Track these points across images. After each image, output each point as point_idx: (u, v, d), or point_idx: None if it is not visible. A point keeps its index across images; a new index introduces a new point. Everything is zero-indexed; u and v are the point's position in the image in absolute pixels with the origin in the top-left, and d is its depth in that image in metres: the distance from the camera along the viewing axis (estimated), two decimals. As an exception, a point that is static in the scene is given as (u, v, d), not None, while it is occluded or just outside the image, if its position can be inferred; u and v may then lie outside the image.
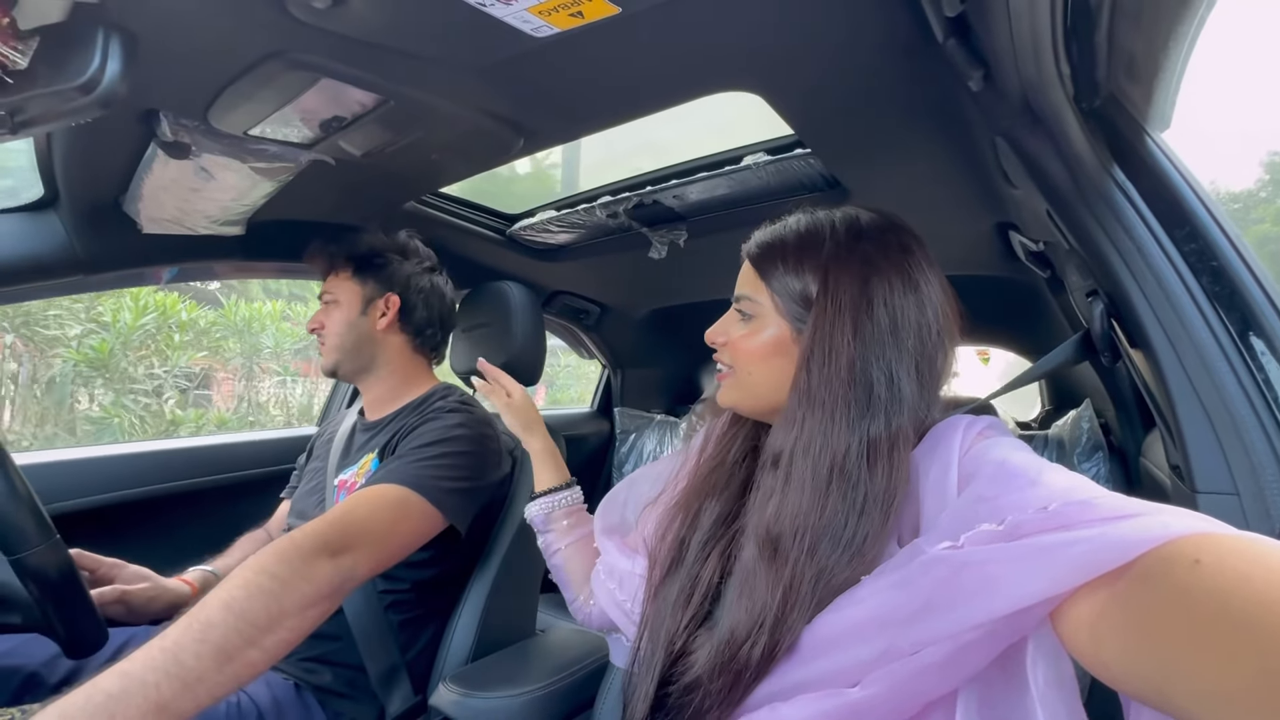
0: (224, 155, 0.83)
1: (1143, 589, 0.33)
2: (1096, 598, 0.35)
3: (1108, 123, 0.63)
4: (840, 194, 1.09)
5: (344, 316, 1.08)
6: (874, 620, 0.44)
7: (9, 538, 0.67)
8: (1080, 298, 0.76)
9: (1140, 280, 0.59)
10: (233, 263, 1.21)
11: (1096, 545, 0.35)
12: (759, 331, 0.59)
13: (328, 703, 0.93)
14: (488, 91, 0.76)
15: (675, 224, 1.30)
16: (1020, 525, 0.38)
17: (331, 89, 0.68)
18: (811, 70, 0.75)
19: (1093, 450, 1.47)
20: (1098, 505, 0.37)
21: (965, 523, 0.42)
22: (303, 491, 1.11)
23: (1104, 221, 0.62)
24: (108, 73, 0.47)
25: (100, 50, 0.47)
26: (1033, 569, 0.36)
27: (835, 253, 0.57)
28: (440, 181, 1.14)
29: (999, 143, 0.72)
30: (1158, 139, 0.63)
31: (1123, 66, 0.59)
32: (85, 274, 1.01)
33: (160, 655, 0.58)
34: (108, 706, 0.53)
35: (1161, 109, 0.62)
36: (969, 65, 0.61)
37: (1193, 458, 0.54)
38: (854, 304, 0.55)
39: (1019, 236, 1.07)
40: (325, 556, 0.72)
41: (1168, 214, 0.60)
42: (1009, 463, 0.45)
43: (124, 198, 0.95)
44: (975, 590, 0.38)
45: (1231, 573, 0.30)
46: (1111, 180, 0.62)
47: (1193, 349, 0.55)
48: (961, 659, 0.40)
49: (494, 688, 0.90)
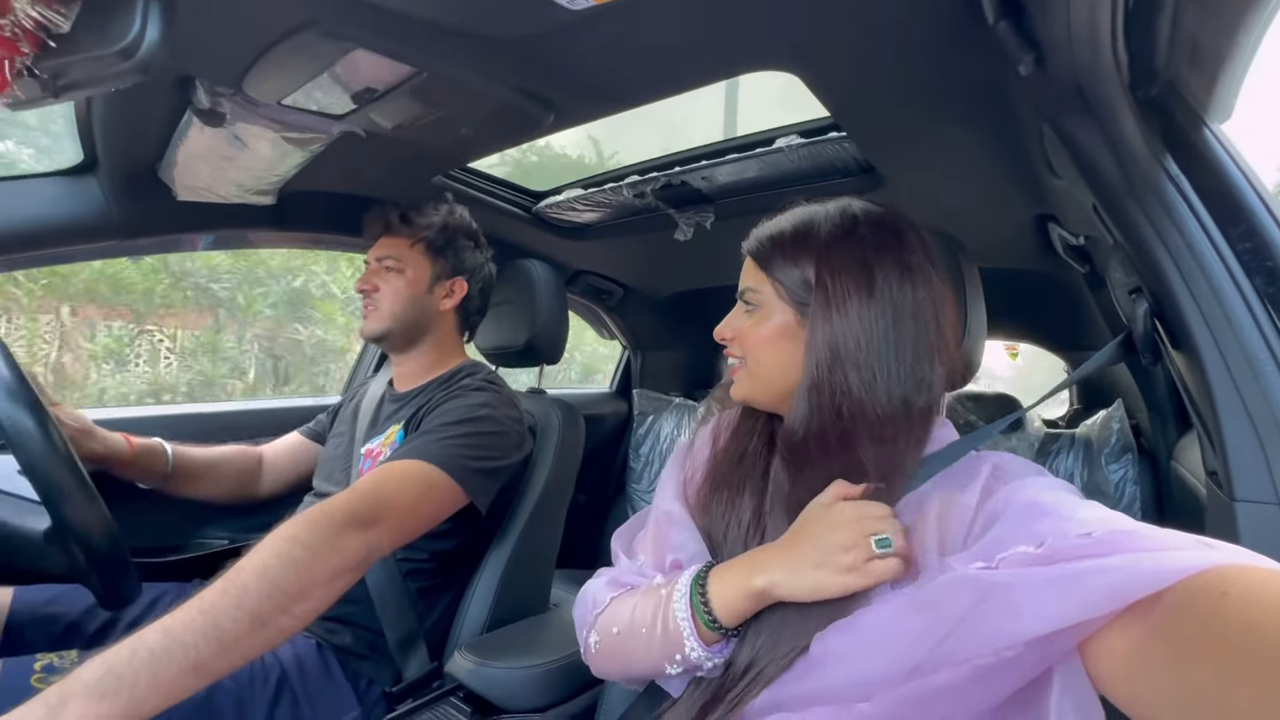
0: (257, 124, 0.83)
1: (1174, 621, 0.32)
2: (1131, 630, 0.34)
3: (1164, 112, 0.61)
4: (874, 179, 1.07)
5: (409, 288, 1.08)
6: (896, 639, 0.43)
7: (53, 497, 0.70)
8: (1123, 295, 0.73)
9: (1189, 278, 0.57)
10: (264, 231, 1.23)
11: (1128, 574, 0.34)
12: (765, 320, 0.60)
13: (348, 663, 0.95)
14: (520, 66, 0.75)
15: (702, 206, 1.28)
16: (1059, 549, 0.37)
17: (365, 60, 0.68)
18: (852, 50, 0.73)
19: (1122, 451, 1.43)
20: (1142, 536, 0.36)
21: (1001, 545, 0.41)
22: (328, 455, 1.14)
23: (1153, 216, 0.59)
24: (147, 38, 0.48)
25: (140, 15, 0.47)
26: (1061, 593, 0.35)
27: (832, 238, 0.59)
28: (469, 156, 1.13)
29: (1046, 131, 0.69)
30: (1216, 131, 0.60)
31: (1184, 53, 0.56)
32: (121, 239, 1.04)
33: (199, 617, 0.60)
34: (150, 663, 0.56)
35: (1223, 99, 0.59)
36: (1020, 49, 0.58)
37: (1233, 464, 0.53)
38: (856, 287, 0.56)
39: (1059, 229, 1.03)
40: (355, 529, 0.74)
41: (1222, 210, 0.57)
42: (1043, 499, 0.44)
43: (160, 164, 0.96)
44: (1001, 612, 0.37)
45: (1259, 606, 0.29)
46: (1164, 173, 0.59)
47: (1240, 352, 0.53)
48: (981, 684, 0.39)
49: (508, 658, 0.92)
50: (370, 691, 0.96)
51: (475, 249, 1.16)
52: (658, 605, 0.56)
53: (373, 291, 1.08)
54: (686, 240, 1.34)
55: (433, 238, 1.10)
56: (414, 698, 0.94)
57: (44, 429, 0.70)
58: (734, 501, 0.63)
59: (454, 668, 0.93)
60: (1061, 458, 1.53)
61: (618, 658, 0.62)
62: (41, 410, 0.72)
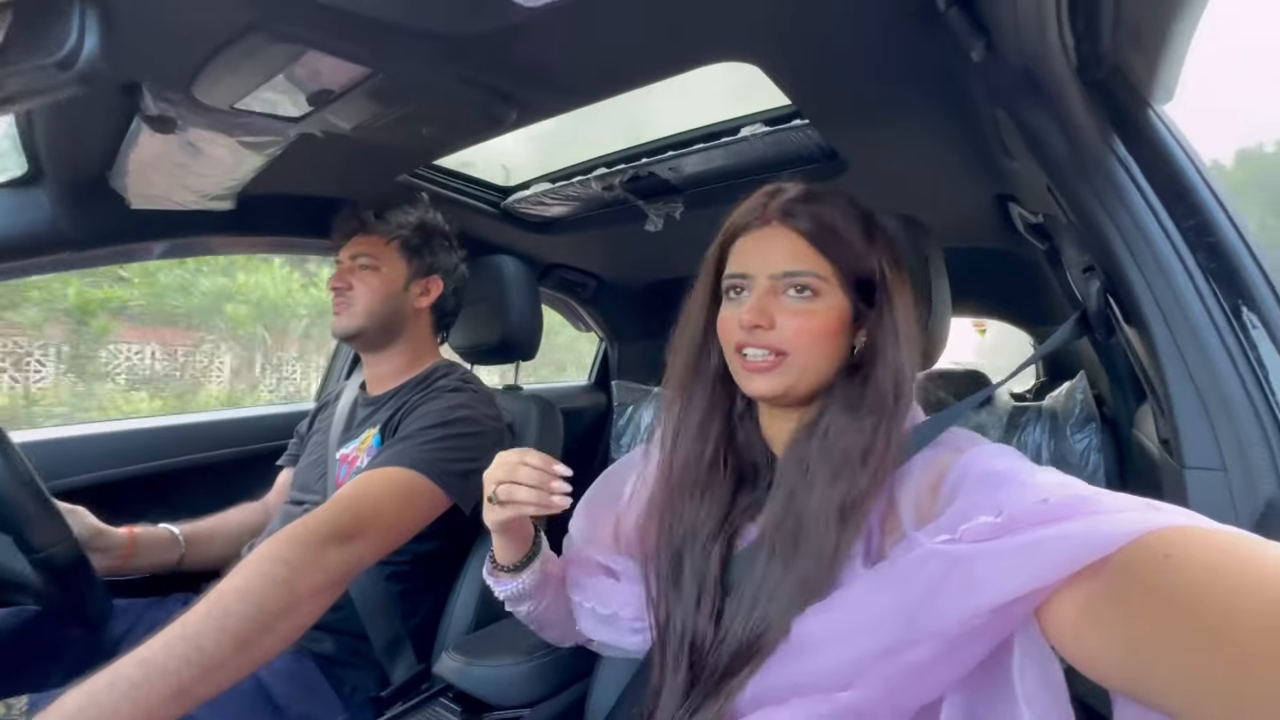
0: (210, 129, 0.81)
1: (1119, 584, 0.34)
2: (1079, 592, 0.36)
3: (1110, 95, 0.62)
4: (838, 166, 1.08)
5: (385, 285, 1.07)
6: (871, 617, 0.45)
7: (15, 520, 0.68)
8: (1077, 273, 0.76)
9: (1137, 256, 0.59)
10: (224, 237, 1.20)
11: (1078, 539, 0.35)
12: (824, 310, 0.57)
13: (331, 670, 0.95)
14: (479, 63, 0.74)
15: (671, 196, 1.28)
16: (1018, 517, 0.39)
17: (318, 61, 0.66)
18: (810, 39, 0.73)
19: (1085, 421, 1.48)
20: (1095, 500, 0.37)
21: (964, 517, 0.42)
22: (304, 464, 1.12)
23: (1103, 195, 0.61)
24: (86, 47, 0.46)
25: (77, 25, 0.45)
26: (1018, 563, 0.37)
27: (882, 231, 0.60)
28: (433, 155, 1.12)
29: (999, 114, 0.71)
30: (1160, 112, 0.62)
31: (1127, 37, 0.58)
32: (74, 251, 1.00)
33: (180, 643, 0.59)
34: (131, 693, 0.55)
35: (1165, 81, 0.61)
36: (970, 35, 0.59)
37: (1182, 434, 0.55)
38: (905, 283, 0.58)
39: (1018, 209, 1.06)
40: (336, 544, 0.74)
41: (1167, 188, 0.59)
42: (997, 467, 0.46)
43: (110, 173, 0.93)
44: (966, 585, 0.39)
45: (1199, 567, 0.30)
46: (1112, 153, 0.61)
47: (1186, 326, 0.56)
48: (951, 658, 0.41)
49: (495, 656, 0.92)
50: (355, 698, 0.95)
51: (450, 249, 1.15)
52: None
53: (346, 289, 1.06)
54: (657, 230, 1.34)
55: (409, 236, 1.09)
56: (403, 701, 0.94)
57: (3, 452, 0.68)
58: (687, 512, 0.63)
59: (442, 668, 0.93)
60: (1029, 430, 1.57)
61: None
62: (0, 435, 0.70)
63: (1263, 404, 0.52)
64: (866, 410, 0.55)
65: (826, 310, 0.57)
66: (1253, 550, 0.30)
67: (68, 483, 1.13)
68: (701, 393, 0.65)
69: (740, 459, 0.65)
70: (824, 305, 0.57)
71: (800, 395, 0.59)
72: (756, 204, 0.61)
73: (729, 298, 0.61)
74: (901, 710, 0.44)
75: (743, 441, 0.66)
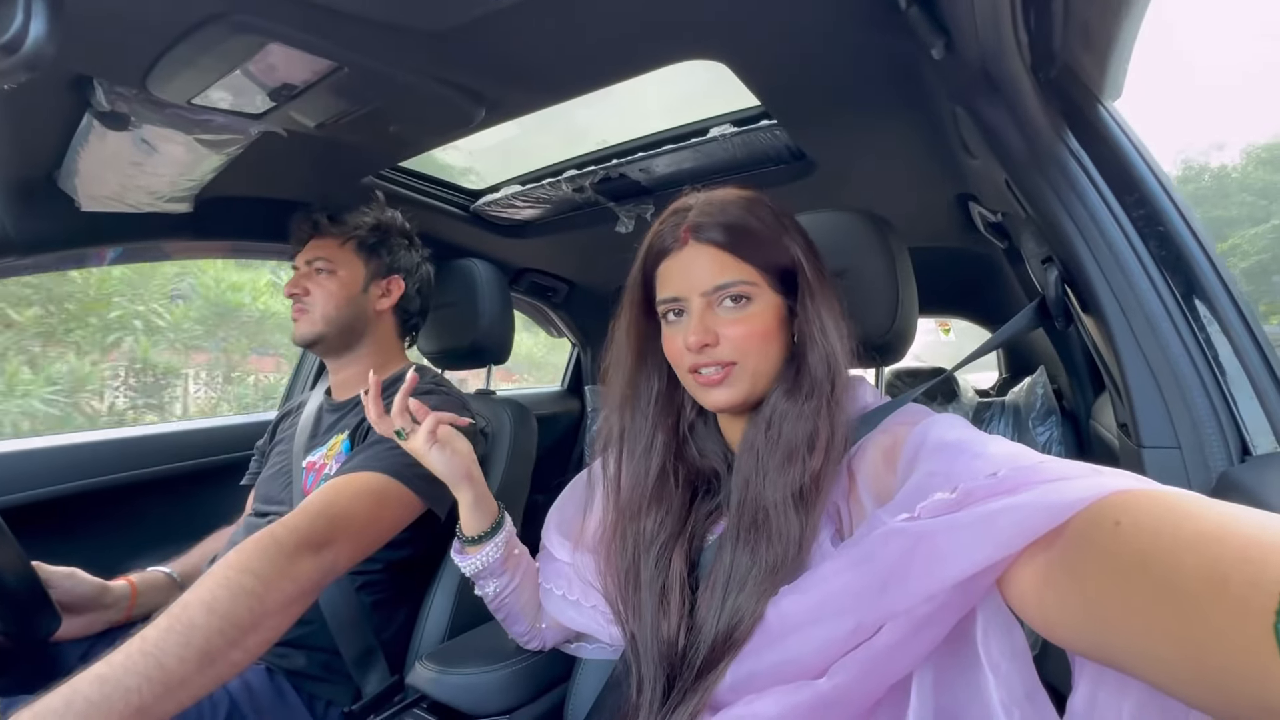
0: (166, 126, 0.78)
1: (1073, 552, 0.34)
2: (1037, 561, 0.37)
3: (1063, 92, 0.65)
4: (806, 166, 1.10)
5: (342, 289, 1.04)
6: (840, 597, 0.45)
7: None
8: (1036, 264, 0.78)
9: (1093, 246, 0.61)
10: (181, 242, 1.16)
11: (1033, 509, 0.36)
12: (760, 313, 0.59)
13: (302, 686, 0.92)
14: (446, 59, 0.73)
15: (642, 198, 1.29)
16: (972, 492, 0.39)
17: (281, 55, 0.65)
18: (775, 38, 0.75)
19: (1046, 415, 1.53)
20: (1043, 469, 0.38)
21: (921, 493, 0.43)
22: (267, 475, 1.08)
23: (1058, 188, 0.63)
24: (31, 31, 0.44)
25: (23, 7, 0.43)
26: (978, 536, 0.38)
27: (794, 223, 0.62)
28: (400, 155, 1.10)
29: (959, 112, 0.73)
30: (1109, 108, 0.65)
31: (1078, 36, 0.60)
32: (19, 256, 0.96)
33: (141, 659, 0.56)
34: (87, 712, 0.52)
35: (1114, 78, 0.64)
36: (931, 33, 0.61)
37: (1139, 415, 0.57)
38: (824, 269, 0.59)
39: (979, 208, 1.09)
40: (308, 553, 0.71)
41: (1118, 181, 0.62)
42: (950, 438, 0.47)
43: (59, 173, 0.89)
44: (928, 561, 0.39)
45: (1147, 531, 0.31)
46: (1066, 148, 0.64)
47: (1140, 311, 0.58)
48: (919, 635, 0.42)
49: (470, 664, 0.90)
50: (329, 713, 0.92)
51: (410, 248, 1.13)
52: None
53: (303, 295, 1.03)
54: (628, 233, 1.34)
55: (365, 236, 1.07)
56: (375, 713, 0.91)
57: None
58: (643, 529, 0.63)
59: (415, 679, 0.91)
60: (994, 424, 1.62)
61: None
62: None
63: (1213, 384, 0.54)
64: (804, 396, 0.57)
65: (762, 312, 0.59)
66: (1194, 508, 0.31)
67: (15, 499, 1.08)
68: (643, 413, 0.66)
69: (691, 469, 0.66)
70: (759, 309, 0.59)
71: (757, 398, 0.60)
72: (668, 226, 0.62)
73: (668, 321, 0.63)
74: (875, 691, 0.45)
75: (692, 452, 0.67)
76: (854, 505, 0.54)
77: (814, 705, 0.45)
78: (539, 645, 0.80)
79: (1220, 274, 0.57)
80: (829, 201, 1.07)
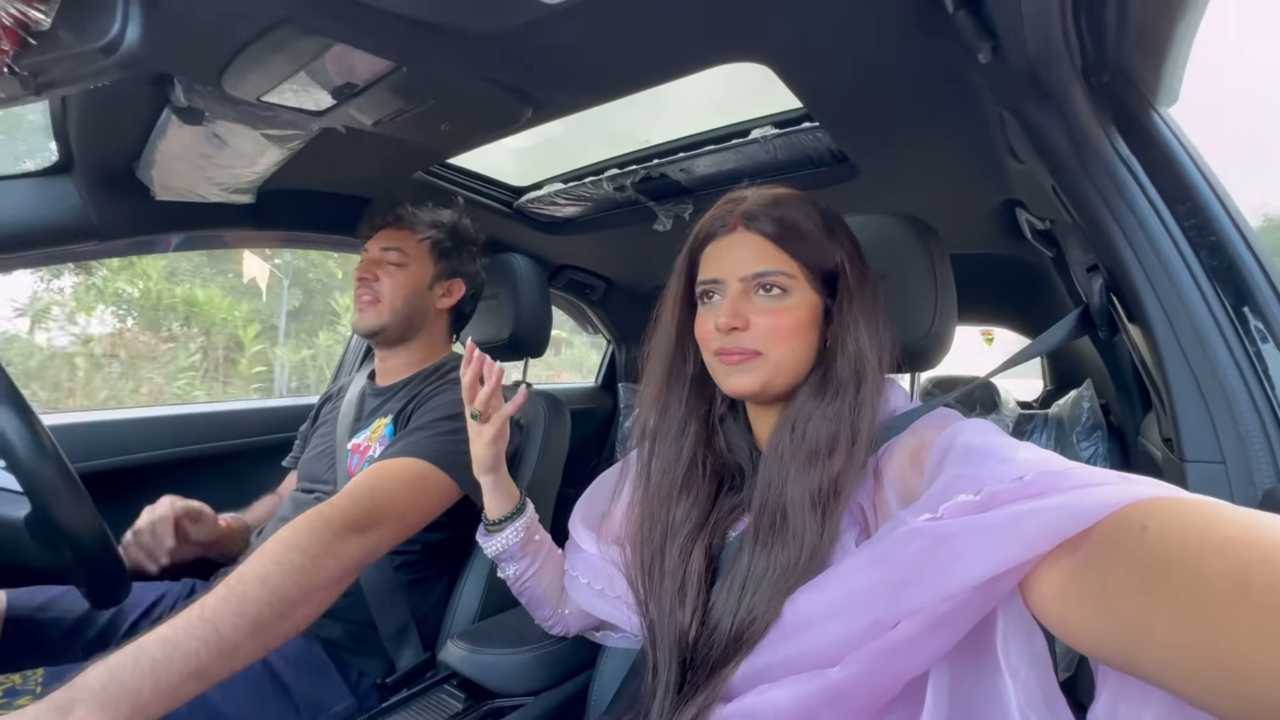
0: (237, 121, 0.83)
1: (1099, 556, 0.34)
2: (1061, 566, 0.36)
3: (1114, 97, 0.64)
4: (848, 169, 1.09)
5: (411, 282, 1.09)
6: (858, 594, 0.46)
7: (42, 496, 0.70)
8: (1081, 272, 0.77)
9: (1140, 254, 0.60)
10: (241, 231, 1.22)
11: (1058, 513, 0.36)
12: (794, 308, 0.59)
13: (338, 656, 0.96)
14: (498, 60, 0.76)
15: (681, 197, 1.30)
16: (997, 495, 0.39)
17: (344, 55, 0.69)
18: (821, 41, 0.75)
19: (1091, 430, 1.48)
20: (1072, 474, 0.38)
21: (945, 496, 0.43)
22: (311, 455, 1.14)
23: (1107, 195, 0.62)
24: (128, 35, 0.48)
25: (121, 12, 0.47)
26: (1001, 538, 0.37)
27: (843, 226, 0.62)
28: (449, 152, 1.14)
29: (1006, 117, 0.72)
30: (1164, 114, 0.63)
31: (1131, 40, 0.59)
32: (99, 240, 1.03)
33: (200, 625, 0.61)
34: (153, 670, 0.57)
35: (1169, 84, 0.62)
36: (978, 37, 0.61)
37: (1183, 429, 0.56)
38: (868, 274, 0.59)
39: (1026, 214, 1.07)
40: (354, 533, 0.76)
41: (1170, 189, 0.60)
42: (978, 443, 0.47)
43: (137, 164, 0.96)
44: (949, 561, 0.39)
45: (1174, 536, 0.31)
46: (1116, 154, 0.63)
47: (1188, 322, 0.57)
48: (936, 633, 0.42)
49: (500, 645, 0.93)
50: (361, 683, 0.97)
51: (474, 257, 1.19)
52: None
53: (373, 281, 1.07)
54: (666, 231, 1.35)
55: (442, 238, 1.12)
56: (408, 687, 0.95)
57: (30, 428, 0.70)
58: (670, 515, 0.65)
59: (447, 656, 0.94)
60: (1035, 437, 1.57)
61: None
62: (27, 410, 0.72)
63: (1262, 398, 0.52)
64: (830, 398, 0.57)
65: (796, 307, 0.59)
66: (1223, 513, 0.31)
67: (92, 465, 1.16)
68: (677, 398, 0.67)
69: (719, 461, 0.67)
70: (794, 303, 0.59)
71: (778, 391, 0.61)
72: (721, 212, 0.64)
73: (703, 303, 0.64)
74: (890, 685, 0.45)
75: (721, 445, 0.68)
76: (880, 507, 0.54)
77: (825, 694, 0.46)
78: (562, 631, 0.83)
79: (1275, 287, 0.55)
80: (870, 205, 1.06)
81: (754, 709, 0.50)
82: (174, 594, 1.04)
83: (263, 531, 1.05)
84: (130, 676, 0.56)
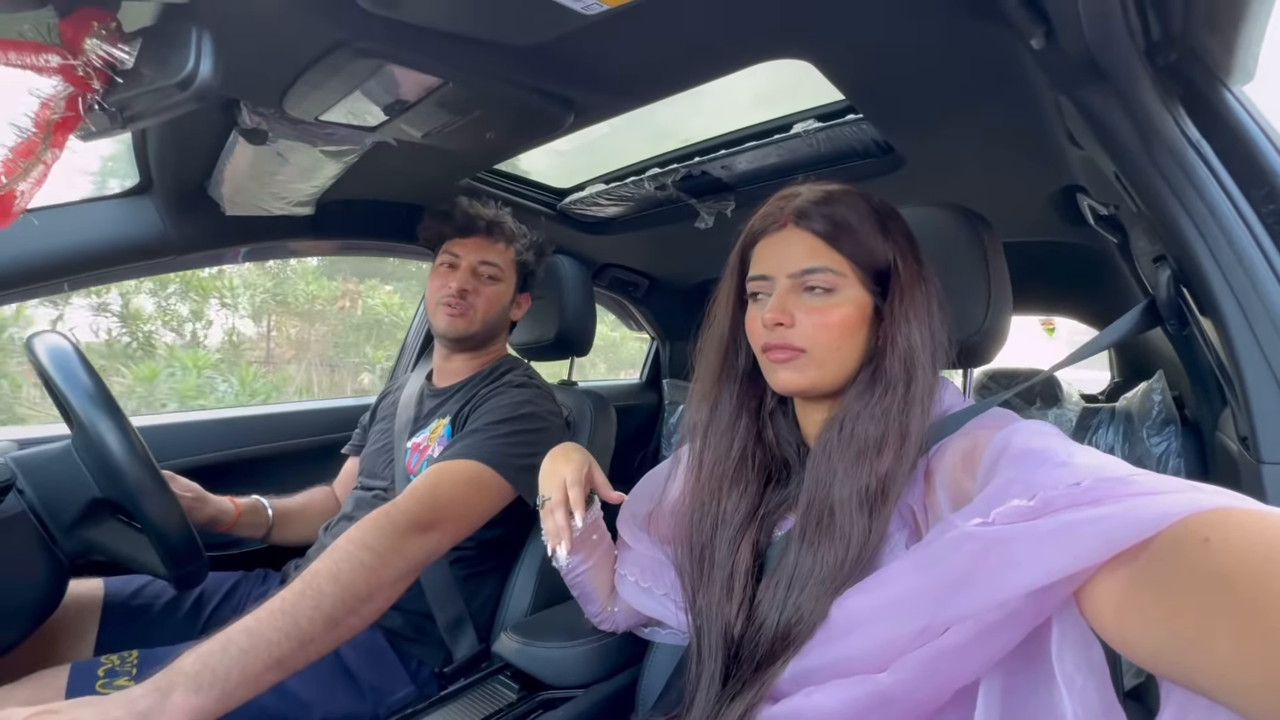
0: (297, 140, 0.88)
1: (1158, 567, 0.33)
2: (1119, 576, 0.35)
3: (1182, 77, 0.60)
4: (894, 160, 1.07)
5: (500, 296, 1.14)
6: (906, 598, 0.45)
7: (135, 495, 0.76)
8: (1147, 262, 0.73)
9: (1212, 244, 0.57)
10: (303, 241, 1.29)
11: (1117, 522, 0.35)
12: (841, 305, 0.59)
13: (399, 645, 1.01)
14: (541, 70, 0.78)
15: (723, 194, 1.30)
16: (1052, 501, 0.38)
17: (395, 74, 0.72)
18: (864, 33, 0.73)
19: (1164, 424, 1.40)
20: (1132, 482, 0.37)
21: (998, 500, 0.42)
22: (370, 451, 1.19)
23: (1174, 182, 0.59)
24: (202, 69, 0.52)
25: (194, 48, 0.51)
26: (1056, 546, 0.36)
27: (897, 225, 0.61)
28: (495, 159, 1.17)
29: (1063, 102, 0.69)
30: (1238, 93, 0.59)
31: (1201, 16, 0.56)
32: (176, 254, 1.11)
33: (280, 617, 0.66)
34: (240, 658, 0.62)
35: (1244, 60, 0.58)
36: (1030, 23, 0.58)
37: (1259, 427, 0.53)
38: (921, 274, 0.59)
39: (1087, 200, 1.02)
40: (417, 533, 0.80)
41: (1245, 173, 0.57)
42: (1034, 445, 0.45)
43: (209, 183, 1.03)
44: (1001, 567, 0.38)
45: (1238, 549, 0.30)
46: (1184, 138, 0.59)
47: (1265, 315, 0.53)
48: (987, 641, 0.41)
49: (552, 638, 0.96)
50: (421, 671, 1.01)
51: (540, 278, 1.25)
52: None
53: (472, 294, 1.10)
54: (708, 229, 1.35)
55: (530, 259, 1.17)
56: (465, 676, 0.99)
57: (124, 431, 0.76)
58: (719, 509, 0.65)
59: (501, 648, 0.98)
60: (1102, 431, 1.50)
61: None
62: (120, 414, 0.78)
63: (1349, 396, 0.49)
64: (879, 396, 0.57)
65: (844, 305, 0.59)
66: None
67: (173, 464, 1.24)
68: (729, 392, 0.68)
69: (768, 455, 0.67)
70: (842, 300, 0.59)
71: (826, 389, 0.61)
72: (773, 209, 0.64)
73: (754, 300, 0.64)
74: (939, 692, 0.44)
75: (770, 439, 0.68)
76: (931, 509, 0.53)
77: (874, 699, 0.45)
78: (611, 627, 0.84)
79: (1365, 275, 0.51)
80: (918, 196, 1.03)
81: (801, 710, 0.50)
82: (250, 581, 1.12)
83: (329, 527, 1.11)
84: (220, 663, 0.60)
